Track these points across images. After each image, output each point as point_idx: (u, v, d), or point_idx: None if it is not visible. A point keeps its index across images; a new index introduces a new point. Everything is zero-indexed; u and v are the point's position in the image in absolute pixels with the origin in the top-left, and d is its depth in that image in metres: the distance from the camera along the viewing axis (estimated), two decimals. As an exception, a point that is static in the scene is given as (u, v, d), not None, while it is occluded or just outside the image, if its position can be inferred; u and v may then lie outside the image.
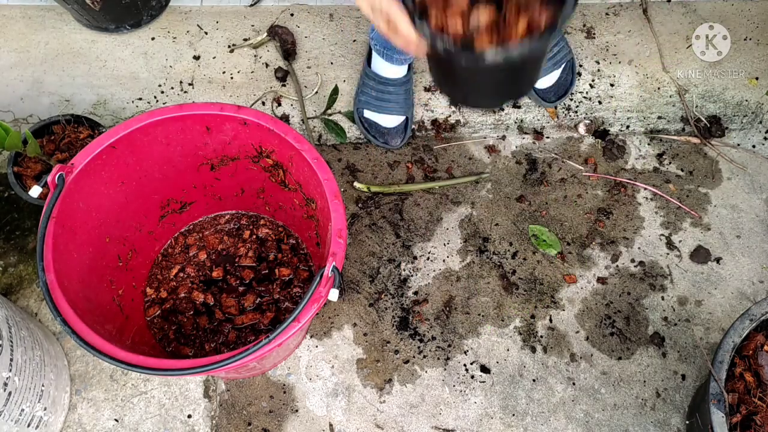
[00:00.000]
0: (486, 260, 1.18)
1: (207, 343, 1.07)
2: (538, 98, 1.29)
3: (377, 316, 1.13)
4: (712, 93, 1.33)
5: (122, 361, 0.74)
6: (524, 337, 1.12)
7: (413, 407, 1.07)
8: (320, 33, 1.37)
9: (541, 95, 1.29)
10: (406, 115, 1.25)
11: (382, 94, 1.22)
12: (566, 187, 1.25)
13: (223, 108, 0.91)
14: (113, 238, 0.98)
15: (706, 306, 1.14)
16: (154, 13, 1.37)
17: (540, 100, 1.29)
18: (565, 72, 1.29)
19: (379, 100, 1.22)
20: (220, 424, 1.04)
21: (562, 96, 1.29)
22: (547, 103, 1.29)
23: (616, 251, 1.19)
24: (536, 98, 1.30)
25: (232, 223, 1.17)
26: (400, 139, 1.26)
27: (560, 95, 1.29)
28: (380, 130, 1.25)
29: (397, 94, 1.22)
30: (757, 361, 0.91)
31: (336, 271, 0.78)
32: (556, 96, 1.29)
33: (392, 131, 1.26)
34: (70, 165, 0.85)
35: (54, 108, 1.28)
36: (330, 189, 0.86)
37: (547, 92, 1.29)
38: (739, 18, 1.41)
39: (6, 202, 1.19)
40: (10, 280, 1.13)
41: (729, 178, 1.26)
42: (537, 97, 1.29)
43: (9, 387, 0.84)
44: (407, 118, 1.26)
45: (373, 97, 1.22)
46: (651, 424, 1.06)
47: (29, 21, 1.37)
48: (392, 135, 1.26)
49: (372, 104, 1.23)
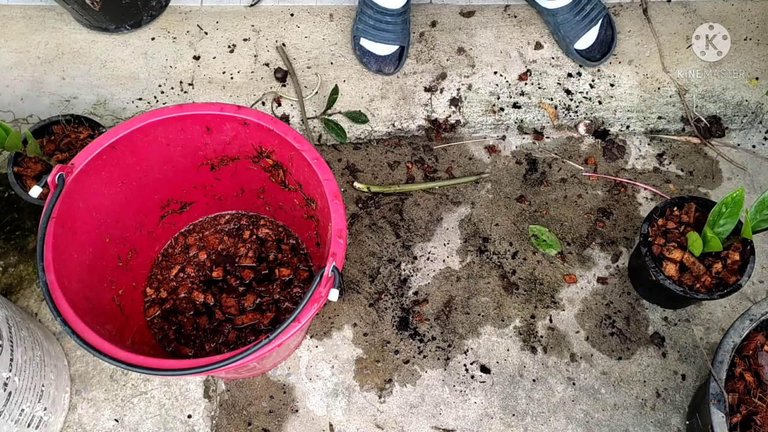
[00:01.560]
0: (486, 260, 1.18)
1: (207, 343, 1.07)
2: (583, 59, 1.30)
3: (377, 316, 1.13)
4: (712, 93, 1.33)
5: (122, 361, 0.74)
6: (524, 337, 1.12)
7: (413, 407, 1.07)
8: (320, 33, 1.37)
9: (585, 55, 1.30)
10: (402, 45, 1.28)
11: (380, 24, 1.24)
12: (566, 187, 1.25)
13: (223, 108, 0.91)
14: (113, 238, 0.98)
15: (706, 306, 1.14)
16: (154, 13, 1.37)
17: (585, 60, 1.30)
18: (603, 28, 1.30)
19: (376, 29, 1.25)
20: (220, 424, 1.04)
21: (606, 53, 1.30)
22: (593, 62, 1.30)
23: (616, 251, 1.19)
24: (581, 60, 1.30)
25: (232, 224, 1.17)
26: (394, 66, 1.29)
27: (604, 52, 1.30)
28: (375, 57, 1.28)
29: (394, 24, 1.25)
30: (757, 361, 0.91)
31: (336, 272, 0.78)
32: (601, 53, 1.30)
33: (386, 59, 1.28)
34: (70, 165, 0.85)
35: (54, 108, 1.28)
36: (330, 189, 0.86)
37: (591, 51, 1.30)
38: (739, 18, 1.41)
39: (6, 202, 1.19)
40: (10, 280, 1.13)
41: (729, 179, 1.26)
42: (582, 58, 1.30)
43: (9, 387, 0.84)
44: (402, 47, 1.29)
45: (370, 26, 1.25)
46: (651, 424, 1.06)
47: (29, 21, 1.37)
48: (386, 63, 1.28)
49: (369, 33, 1.25)
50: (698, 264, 0.98)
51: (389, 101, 1.30)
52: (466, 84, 1.32)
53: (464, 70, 1.34)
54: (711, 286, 0.99)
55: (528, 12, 1.41)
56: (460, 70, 1.34)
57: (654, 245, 1.02)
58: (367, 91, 1.31)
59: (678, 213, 1.05)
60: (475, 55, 1.35)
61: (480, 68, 1.34)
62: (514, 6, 1.41)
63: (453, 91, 1.31)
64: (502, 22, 1.39)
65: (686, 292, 0.98)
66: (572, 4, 1.30)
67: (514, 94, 1.32)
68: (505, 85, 1.32)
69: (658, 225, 1.04)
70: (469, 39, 1.37)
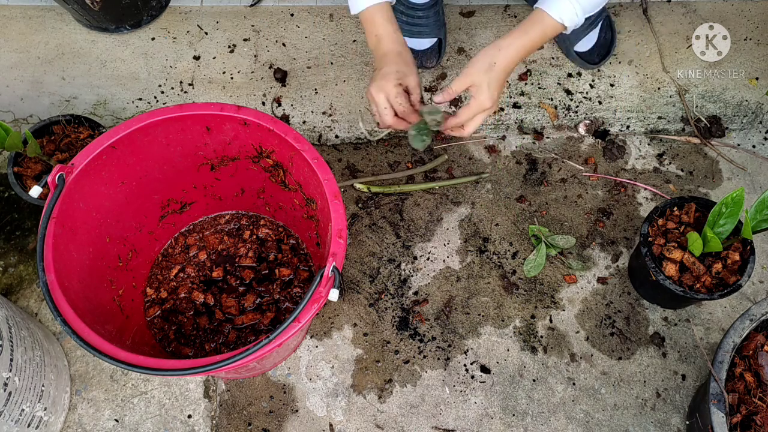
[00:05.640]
0: (486, 260, 1.18)
1: (207, 343, 1.07)
2: (583, 62, 1.31)
3: (377, 316, 1.13)
4: (712, 93, 1.33)
5: (123, 361, 0.74)
6: (524, 337, 1.12)
7: (413, 407, 1.07)
8: (320, 33, 1.37)
9: (585, 58, 1.30)
10: (438, 37, 1.29)
11: (413, 19, 1.26)
12: (566, 187, 1.25)
13: (223, 108, 0.91)
14: (113, 238, 0.98)
15: (706, 306, 1.14)
16: (154, 13, 1.37)
17: (585, 63, 1.31)
18: (603, 31, 1.31)
19: (410, 24, 1.26)
20: (220, 424, 1.04)
21: (605, 56, 1.31)
22: (591, 65, 1.30)
23: (616, 251, 1.19)
24: (580, 62, 1.31)
25: (232, 224, 1.17)
26: (435, 59, 1.30)
27: (603, 55, 1.31)
28: (415, 53, 1.27)
29: (427, 17, 1.26)
30: (757, 361, 0.91)
31: (336, 272, 0.78)
32: (600, 56, 1.31)
33: (426, 53, 1.29)
34: (70, 165, 0.85)
35: (54, 108, 1.28)
36: (330, 189, 0.86)
37: (590, 54, 1.30)
38: (739, 18, 1.41)
39: (6, 202, 1.19)
40: (10, 280, 1.13)
41: (729, 179, 1.26)
42: (581, 61, 1.31)
43: (9, 387, 0.84)
44: (440, 39, 1.30)
45: (404, 23, 1.26)
46: (651, 424, 1.06)
47: (29, 21, 1.37)
48: (427, 57, 1.30)
49: (404, 30, 1.25)
50: (698, 264, 0.98)
51: (389, 101, 1.30)
52: (466, 84, 1.32)
53: (464, 70, 1.34)
54: (711, 286, 0.99)
55: (528, 12, 1.41)
56: (460, 70, 1.33)
57: (654, 245, 1.02)
58: (367, 91, 1.31)
59: (678, 213, 1.05)
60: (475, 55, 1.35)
61: (480, 68, 1.34)
62: (514, 6, 1.41)
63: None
64: (502, 22, 1.39)
65: (686, 292, 0.98)
66: None
67: (514, 94, 1.32)
68: (504, 85, 1.32)
69: (658, 225, 1.04)
70: (469, 39, 1.37)
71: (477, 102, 0.94)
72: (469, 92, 0.96)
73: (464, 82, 0.95)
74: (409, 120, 0.99)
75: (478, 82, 0.94)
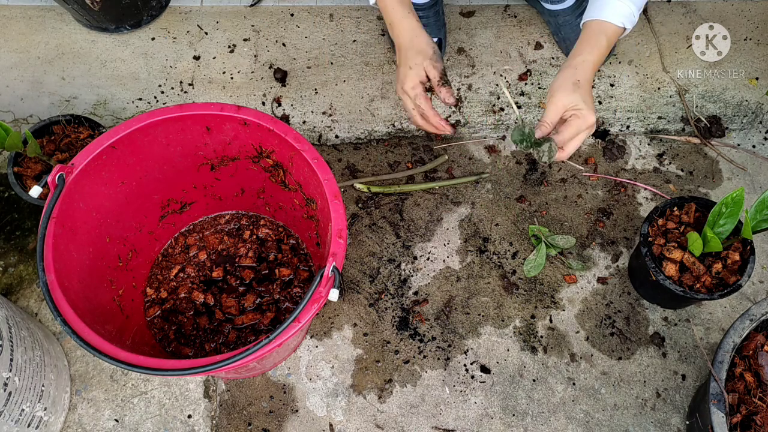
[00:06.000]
0: (486, 260, 1.18)
1: (207, 343, 1.07)
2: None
3: (377, 316, 1.13)
4: (712, 93, 1.33)
5: (123, 361, 0.74)
6: (524, 337, 1.12)
7: (413, 407, 1.07)
8: (320, 33, 1.37)
9: None
10: (438, 37, 1.30)
11: None
12: (566, 188, 1.25)
13: (223, 108, 0.91)
14: (113, 238, 0.98)
15: (706, 306, 1.14)
16: (154, 13, 1.37)
17: None
18: None
19: None
20: (220, 424, 1.04)
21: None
22: None
23: (616, 251, 1.19)
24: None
25: (232, 224, 1.17)
26: None
27: None
28: None
29: (427, 18, 1.28)
30: (757, 361, 0.91)
31: (336, 272, 0.78)
32: None
33: None
34: (70, 165, 0.85)
35: (54, 108, 1.28)
36: (330, 189, 0.86)
37: None
38: (739, 18, 1.41)
39: (6, 202, 1.19)
40: (10, 280, 1.13)
41: (729, 179, 1.26)
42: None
43: (9, 387, 0.84)
44: (440, 39, 1.30)
45: None
46: (651, 424, 1.06)
47: (29, 21, 1.37)
48: None
49: None
50: (698, 264, 0.98)
51: (389, 101, 1.30)
52: (466, 84, 1.32)
53: (464, 70, 1.34)
54: (711, 286, 0.99)
55: (528, 12, 1.41)
56: (460, 70, 1.34)
57: (654, 245, 1.02)
58: (368, 91, 1.31)
59: (678, 213, 1.05)
60: (475, 55, 1.35)
61: (480, 68, 1.34)
62: (514, 6, 1.41)
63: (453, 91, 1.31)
64: (502, 22, 1.39)
65: (686, 292, 0.98)
66: (574, 6, 1.30)
67: (514, 94, 1.32)
68: (505, 85, 1.32)
69: (658, 225, 1.04)
70: (469, 39, 1.37)
71: (581, 119, 0.90)
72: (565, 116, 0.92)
73: (557, 108, 0.91)
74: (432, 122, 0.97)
75: (571, 102, 0.90)
